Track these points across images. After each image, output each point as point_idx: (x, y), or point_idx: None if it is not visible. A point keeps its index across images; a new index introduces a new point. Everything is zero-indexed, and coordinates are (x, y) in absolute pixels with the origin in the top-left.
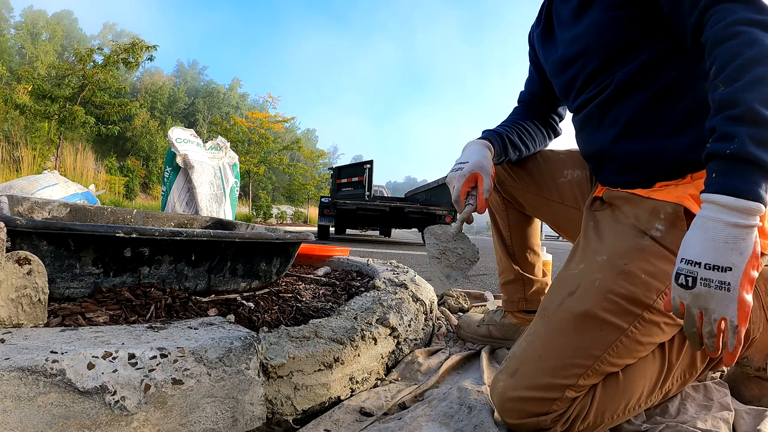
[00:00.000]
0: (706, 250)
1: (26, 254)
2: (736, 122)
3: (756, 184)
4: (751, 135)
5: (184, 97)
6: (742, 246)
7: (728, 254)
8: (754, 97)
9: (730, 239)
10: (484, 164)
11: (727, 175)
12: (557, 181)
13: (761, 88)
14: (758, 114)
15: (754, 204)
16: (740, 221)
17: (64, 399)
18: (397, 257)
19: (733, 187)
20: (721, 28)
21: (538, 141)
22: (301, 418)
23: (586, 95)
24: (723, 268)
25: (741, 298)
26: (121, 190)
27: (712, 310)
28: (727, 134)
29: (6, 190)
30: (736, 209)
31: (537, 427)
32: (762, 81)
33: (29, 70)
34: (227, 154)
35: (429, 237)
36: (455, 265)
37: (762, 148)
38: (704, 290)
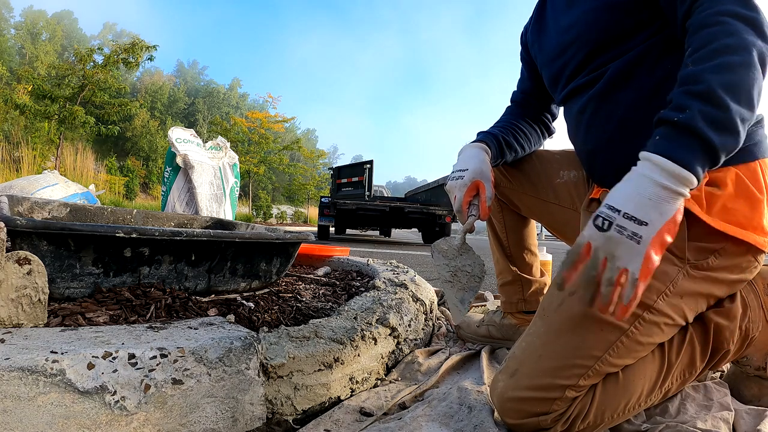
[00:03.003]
0: (630, 201)
1: (26, 254)
2: (692, 96)
3: (693, 156)
4: (702, 110)
5: (184, 97)
6: (665, 208)
7: (649, 210)
8: (716, 79)
9: (654, 197)
10: (484, 170)
11: (669, 140)
12: (553, 182)
13: (726, 74)
14: (715, 94)
15: (686, 173)
16: (669, 185)
17: (64, 399)
18: (397, 257)
19: (671, 152)
20: (706, 16)
21: (532, 141)
22: (301, 418)
23: (575, 83)
24: (640, 221)
25: (648, 255)
26: (121, 190)
27: (618, 258)
28: (681, 105)
29: (6, 190)
30: (668, 172)
31: (537, 426)
32: (729, 68)
33: (29, 70)
34: (227, 154)
35: (437, 256)
36: (467, 286)
37: (709, 126)
38: (616, 236)
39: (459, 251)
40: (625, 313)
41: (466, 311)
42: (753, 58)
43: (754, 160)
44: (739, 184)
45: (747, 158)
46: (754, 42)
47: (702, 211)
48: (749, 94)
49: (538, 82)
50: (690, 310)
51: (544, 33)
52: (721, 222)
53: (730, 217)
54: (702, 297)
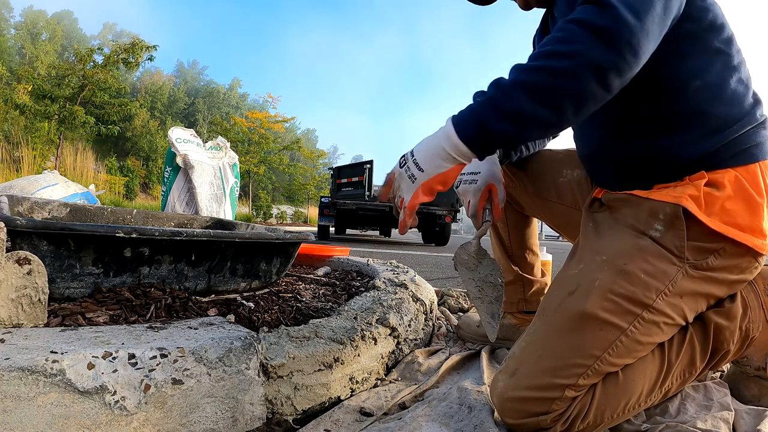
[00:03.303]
0: (422, 150)
1: (26, 254)
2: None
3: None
4: (492, 99)
5: (184, 97)
6: (440, 164)
7: (429, 161)
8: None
9: (436, 153)
10: (496, 172)
11: (466, 114)
12: (556, 181)
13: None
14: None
15: (466, 149)
16: (450, 152)
17: (64, 399)
18: (397, 257)
19: (461, 126)
20: (559, 23)
21: (538, 141)
22: (301, 418)
23: None
24: (419, 167)
25: (416, 193)
26: (121, 190)
27: (400, 189)
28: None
29: (6, 190)
30: (454, 143)
31: (537, 426)
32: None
33: (29, 70)
34: (227, 154)
35: (461, 269)
36: (493, 298)
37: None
38: (402, 172)
39: (477, 258)
40: (402, 229)
41: (498, 325)
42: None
43: (754, 162)
44: (738, 187)
45: (747, 160)
46: (589, 53)
47: (700, 212)
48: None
49: None
50: (690, 309)
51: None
52: (719, 223)
53: (729, 218)
54: (702, 297)
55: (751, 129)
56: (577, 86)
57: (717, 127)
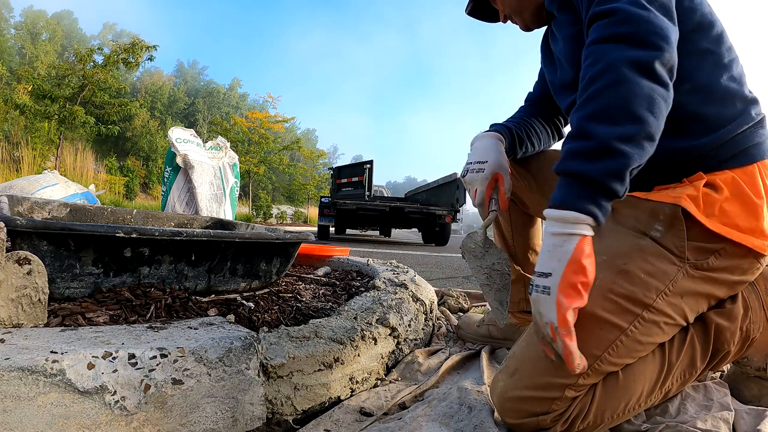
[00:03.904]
0: (539, 260)
1: (26, 254)
2: (566, 140)
3: (573, 194)
4: (570, 149)
5: (184, 97)
6: (560, 252)
7: (549, 261)
8: (581, 114)
9: (551, 247)
10: (503, 163)
11: (556, 189)
12: None
13: (591, 104)
14: (581, 129)
15: (569, 213)
16: (557, 230)
17: (64, 399)
18: (397, 257)
19: (554, 198)
20: (584, 50)
21: (543, 139)
22: (301, 418)
23: (570, 101)
24: (545, 274)
25: (558, 302)
26: (121, 190)
27: (543, 314)
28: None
29: (6, 190)
30: (555, 219)
31: (537, 426)
32: (593, 96)
33: (29, 70)
34: (227, 154)
35: (469, 257)
36: (501, 286)
37: (579, 160)
38: (535, 295)
39: (484, 248)
40: (570, 364)
41: (507, 311)
42: (620, 74)
43: (752, 163)
44: (736, 188)
45: (744, 161)
46: (622, 55)
47: (699, 212)
48: (626, 109)
49: None
50: (690, 310)
51: (548, 54)
52: (718, 224)
53: (728, 220)
54: (702, 297)
55: (749, 128)
56: (632, 89)
57: (710, 127)
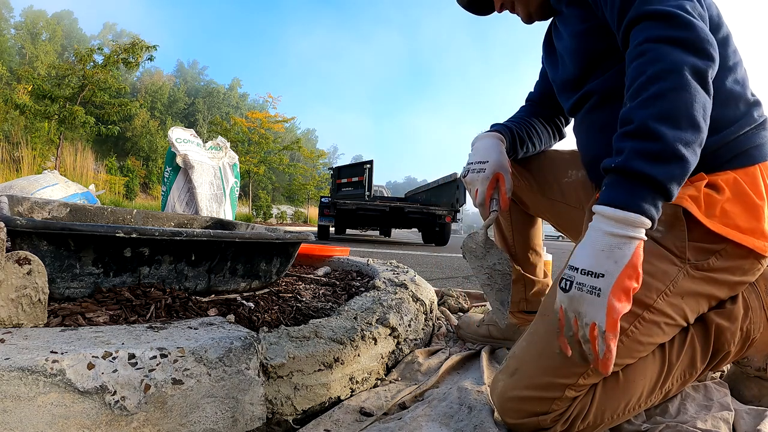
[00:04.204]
0: (585, 257)
1: (26, 254)
2: (627, 138)
3: (637, 196)
4: (636, 149)
5: (184, 97)
6: (618, 255)
7: (603, 262)
8: (647, 113)
9: (606, 248)
10: (503, 162)
11: (612, 187)
12: (561, 181)
13: (656, 103)
14: (647, 129)
15: (633, 215)
16: (617, 231)
17: (64, 399)
18: (397, 257)
19: (614, 198)
20: (634, 47)
21: (544, 140)
22: (301, 418)
23: (573, 100)
24: (596, 274)
25: (610, 305)
26: (121, 190)
27: (584, 314)
28: (618, 149)
29: (6, 190)
30: (615, 219)
31: (537, 426)
32: (658, 96)
33: (29, 70)
34: (227, 154)
35: (470, 257)
36: (502, 286)
37: (646, 161)
38: (577, 294)
39: (485, 248)
40: (606, 367)
41: (508, 311)
42: (685, 78)
43: (753, 164)
44: (737, 189)
45: (746, 162)
46: (684, 60)
47: (700, 213)
48: (689, 114)
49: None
50: (691, 310)
51: (551, 51)
52: (719, 225)
53: (729, 220)
54: (703, 297)
55: (750, 130)
56: (695, 95)
57: (714, 128)
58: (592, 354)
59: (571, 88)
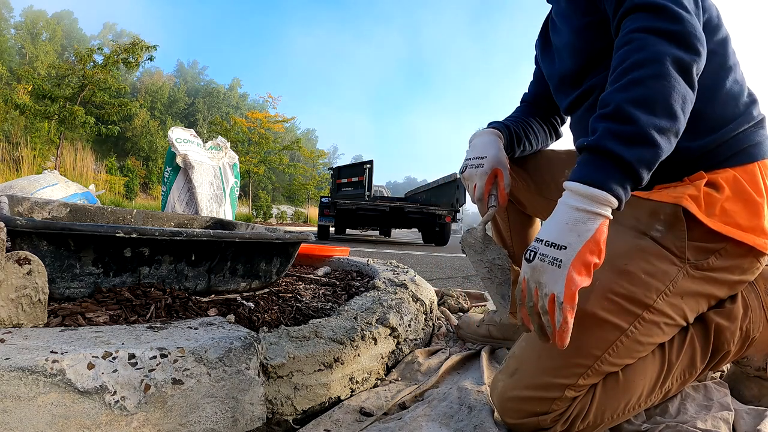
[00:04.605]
0: (550, 230)
1: (26, 254)
2: (602, 119)
3: (606, 174)
4: (609, 129)
5: (184, 97)
6: (582, 229)
7: (566, 234)
8: (624, 96)
9: (571, 221)
10: (502, 158)
11: (582, 164)
12: (558, 180)
13: (634, 89)
14: (622, 111)
15: (599, 192)
16: (583, 206)
17: (64, 399)
18: (397, 257)
19: (584, 175)
20: (622, 36)
21: (540, 139)
22: (301, 418)
23: (572, 97)
24: (559, 246)
25: (569, 276)
26: (121, 190)
27: (544, 284)
28: (592, 129)
29: (6, 190)
30: (582, 195)
31: (537, 426)
32: (636, 82)
33: (29, 70)
34: (227, 154)
35: (469, 252)
36: (502, 280)
37: (618, 142)
38: (539, 264)
39: (484, 243)
40: (563, 340)
41: (509, 305)
42: (666, 68)
43: (752, 162)
44: (737, 187)
45: (745, 160)
46: (668, 51)
47: (701, 212)
48: (666, 102)
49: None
50: (690, 310)
51: (547, 49)
52: (720, 224)
53: (729, 219)
54: (703, 297)
55: (749, 128)
56: (673, 85)
57: (713, 127)
58: (551, 327)
59: (569, 84)
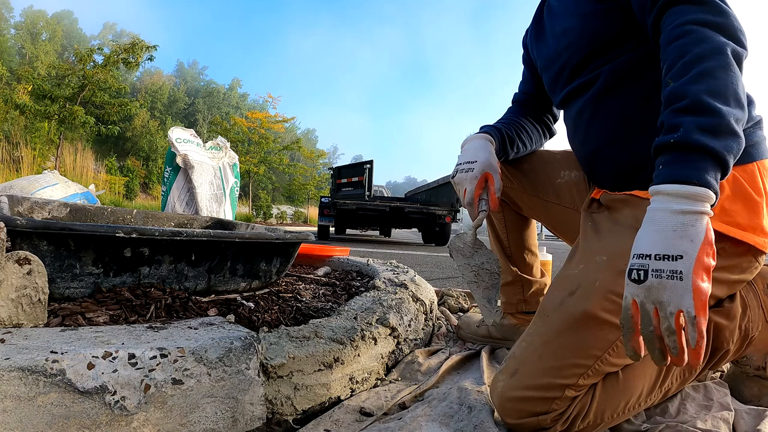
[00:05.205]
0: (656, 241)
1: (26, 254)
2: (681, 113)
3: (702, 169)
4: (696, 123)
5: (184, 97)
6: (692, 233)
7: (678, 242)
8: (699, 89)
9: (678, 227)
10: (492, 162)
11: (672, 164)
12: (554, 181)
13: (707, 80)
14: (703, 103)
15: (701, 189)
16: (687, 207)
17: (64, 399)
18: (397, 257)
19: (678, 174)
20: (673, 29)
21: (534, 139)
22: (301, 418)
23: (572, 86)
24: (674, 257)
25: (696, 287)
26: (121, 190)
27: (667, 303)
28: (672, 125)
29: (6, 190)
30: (682, 196)
31: (537, 426)
32: (708, 74)
33: (29, 70)
34: (227, 154)
35: (456, 256)
36: (490, 284)
37: (707, 135)
38: (656, 282)
39: (473, 248)
40: (699, 357)
41: (495, 309)
42: (729, 59)
43: (751, 161)
44: (736, 187)
45: (744, 160)
46: (726, 43)
47: None
48: (736, 93)
49: (540, 84)
50: None
51: (542, 37)
52: (719, 223)
53: (729, 218)
54: None
55: (748, 129)
56: (738, 76)
57: None
58: (677, 347)
59: (571, 72)
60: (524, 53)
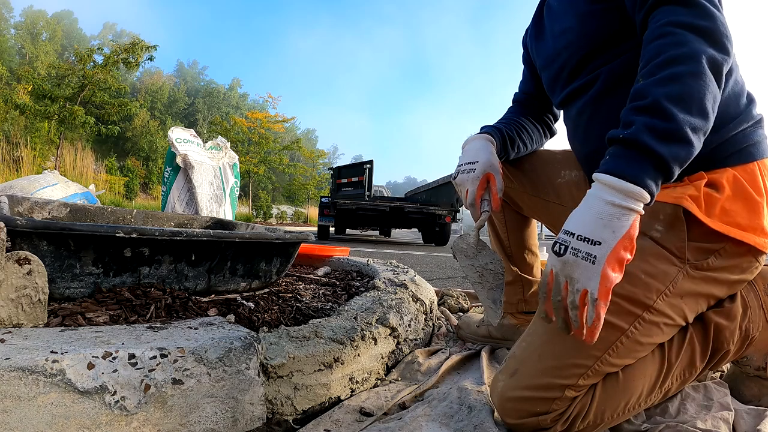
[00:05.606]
0: (582, 223)
1: (26, 254)
2: (638, 112)
3: (641, 170)
4: (647, 124)
5: (184, 97)
6: (616, 225)
7: (600, 230)
8: (662, 91)
9: (605, 216)
10: (494, 163)
11: (616, 157)
12: (554, 181)
13: (672, 85)
14: (661, 106)
15: (635, 187)
16: (617, 201)
17: (64, 399)
18: (397, 257)
19: (617, 168)
20: (656, 28)
21: (534, 139)
22: (301, 418)
23: (572, 87)
24: (593, 242)
25: (605, 273)
26: (121, 190)
27: (576, 280)
28: (627, 122)
29: (6, 190)
30: (615, 189)
31: (537, 426)
32: (676, 78)
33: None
34: (227, 154)
35: (460, 257)
36: (494, 285)
37: (655, 138)
38: (572, 259)
39: (477, 249)
40: (592, 336)
41: (500, 310)
42: (702, 67)
43: (752, 161)
44: (737, 186)
45: (745, 159)
46: (704, 50)
47: (701, 212)
48: (700, 102)
49: (540, 84)
50: (690, 310)
51: (542, 37)
52: (720, 223)
53: (730, 218)
54: (702, 297)
55: (748, 128)
56: (708, 84)
57: (714, 126)
58: (578, 321)
59: (570, 72)
60: (524, 53)
